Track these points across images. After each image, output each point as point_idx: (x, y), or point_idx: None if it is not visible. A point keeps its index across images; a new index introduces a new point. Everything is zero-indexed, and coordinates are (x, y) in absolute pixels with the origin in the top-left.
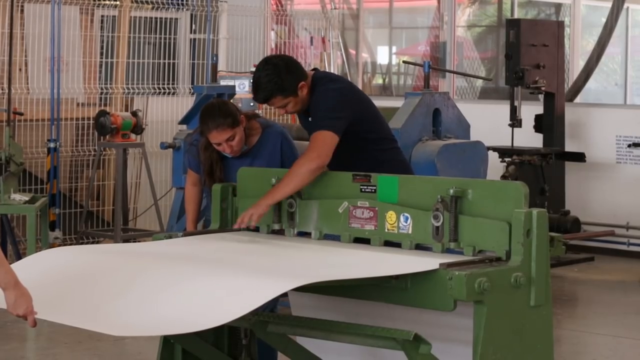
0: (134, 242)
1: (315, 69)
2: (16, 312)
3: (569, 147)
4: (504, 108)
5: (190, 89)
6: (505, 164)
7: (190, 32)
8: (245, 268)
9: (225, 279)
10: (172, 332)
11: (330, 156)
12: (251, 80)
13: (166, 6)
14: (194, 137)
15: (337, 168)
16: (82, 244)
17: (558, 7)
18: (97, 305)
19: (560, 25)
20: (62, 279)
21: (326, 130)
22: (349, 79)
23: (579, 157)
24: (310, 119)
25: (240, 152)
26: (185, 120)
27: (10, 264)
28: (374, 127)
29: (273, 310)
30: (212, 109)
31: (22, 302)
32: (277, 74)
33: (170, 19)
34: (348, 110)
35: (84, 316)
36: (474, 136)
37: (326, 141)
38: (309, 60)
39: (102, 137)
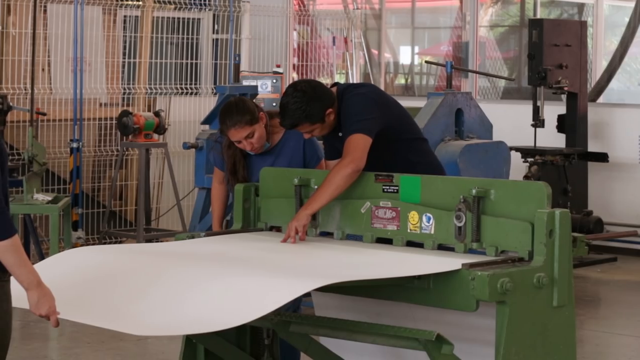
0: (156, 242)
1: (336, 84)
2: (39, 312)
3: (592, 147)
4: (526, 108)
5: (212, 89)
6: (527, 164)
7: (213, 32)
8: (268, 268)
9: (248, 278)
10: (194, 331)
11: (365, 158)
12: (273, 81)
13: (189, 6)
14: (217, 135)
15: (371, 171)
16: (104, 243)
17: (581, 7)
18: (120, 305)
19: (583, 25)
20: (84, 279)
21: (358, 133)
22: (371, 79)
23: (602, 157)
24: (340, 134)
25: (262, 150)
26: (208, 120)
27: (33, 263)
28: (405, 129)
29: (296, 310)
30: (230, 107)
31: (44, 302)
32: (305, 102)
33: (193, 19)
34: (377, 111)
35: (107, 316)
36: (497, 136)
37: (359, 144)
38: (331, 60)
39: (124, 137)
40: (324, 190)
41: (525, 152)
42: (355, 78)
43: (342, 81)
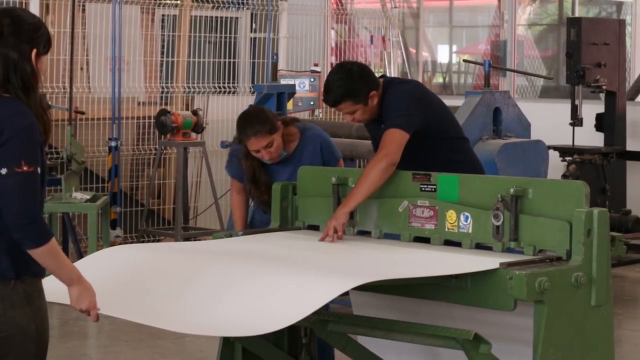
0: (194, 240)
1: (383, 76)
2: (79, 306)
3: (630, 146)
4: (564, 107)
5: (250, 88)
6: (566, 163)
7: (251, 31)
8: (307, 267)
9: (288, 278)
10: (234, 334)
11: (400, 151)
12: (311, 80)
13: (226, 5)
14: (233, 147)
15: (410, 169)
16: (142, 242)
17: (619, 5)
18: (160, 302)
19: (621, 23)
20: (124, 277)
21: (394, 128)
22: (409, 78)
23: None
24: (383, 126)
25: (279, 159)
26: None
27: (73, 262)
28: (447, 127)
29: (326, 309)
30: (250, 116)
31: (85, 297)
32: (350, 79)
33: (231, 18)
34: (418, 109)
35: (146, 313)
36: (535, 135)
37: (394, 138)
38: (369, 59)
39: (162, 136)
40: (360, 186)
41: (564, 151)
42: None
43: None
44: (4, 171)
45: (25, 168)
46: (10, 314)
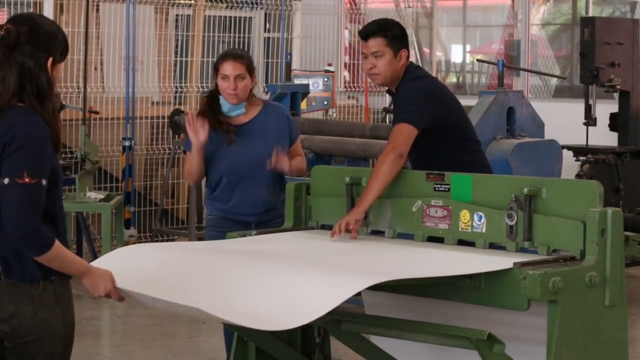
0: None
1: (410, 61)
2: (98, 294)
3: None
4: (578, 106)
5: (264, 88)
6: (579, 162)
7: (264, 31)
8: (322, 266)
9: (303, 277)
10: (253, 326)
11: (408, 145)
12: (325, 80)
13: (240, 5)
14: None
15: (420, 168)
16: (156, 242)
17: (633, 5)
18: (177, 299)
19: (635, 23)
20: (140, 276)
21: (403, 122)
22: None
23: None
24: (392, 120)
25: (237, 102)
26: None
27: (88, 261)
28: (458, 128)
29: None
30: (236, 48)
31: (99, 284)
32: (392, 24)
33: (244, 17)
34: (429, 106)
35: (182, 295)
36: (548, 135)
37: (402, 132)
38: None
39: (176, 136)
40: (372, 184)
41: (577, 151)
42: None
43: None
44: (6, 181)
45: (27, 180)
46: (42, 315)
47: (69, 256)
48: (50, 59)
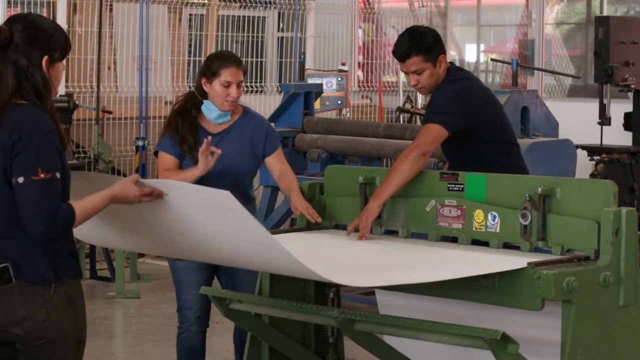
0: None
1: (451, 62)
2: (136, 202)
3: None
4: (592, 106)
5: (278, 87)
6: (594, 162)
7: (278, 31)
8: (340, 264)
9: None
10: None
11: (434, 145)
12: (338, 79)
13: (254, 5)
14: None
15: (458, 170)
16: None
17: None
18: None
19: None
20: None
21: (432, 123)
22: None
23: None
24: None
25: (234, 107)
26: (273, 118)
27: (101, 261)
28: (496, 131)
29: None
30: (227, 51)
31: (129, 196)
32: (423, 36)
33: (258, 17)
34: (463, 110)
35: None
36: (563, 134)
37: (430, 131)
38: None
39: None
40: (391, 178)
41: (592, 150)
42: None
43: None
44: (20, 180)
45: (42, 175)
46: (54, 317)
47: (90, 206)
48: (46, 58)
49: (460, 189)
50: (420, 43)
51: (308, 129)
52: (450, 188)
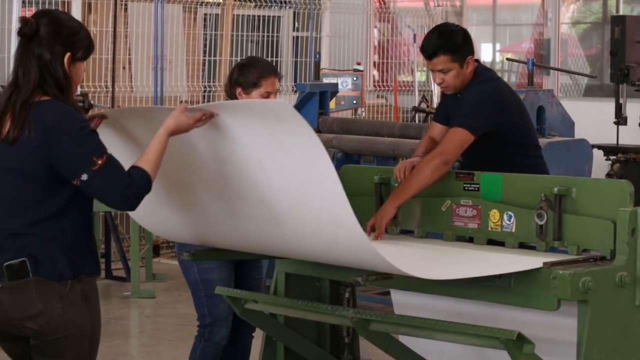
0: None
1: (477, 61)
2: (193, 128)
3: None
4: (609, 105)
5: (293, 87)
6: (610, 162)
7: (293, 30)
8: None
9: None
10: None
11: (458, 153)
12: (354, 79)
13: (269, 4)
14: None
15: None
16: None
17: None
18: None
19: None
20: None
21: (459, 127)
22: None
23: None
24: (459, 94)
25: None
26: None
27: (116, 261)
28: (520, 133)
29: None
30: (263, 59)
31: (181, 125)
32: (452, 34)
33: (273, 17)
34: (490, 112)
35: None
36: (579, 134)
37: (455, 137)
38: (411, 57)
39: None
40: (411, 182)
41: (608, 150)
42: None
43: (424, 79)
44: (84, 177)
45: (99, 162)
46: (70, 313)
47: (152, 155)
48: (68, 55)
49: (476, 188)
50: (449, 42)
51: (323, 129)
52: (466, 188)
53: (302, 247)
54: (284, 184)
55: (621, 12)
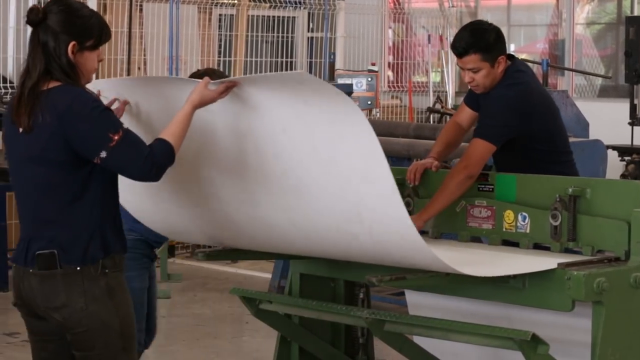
0: None
1: (511, 56)
2: (218, 99)
3: None
4: (623, 106)
5: None
6: (624, 162)
7: (308, 31)
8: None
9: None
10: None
11: (481, 165)
12: (368, 79)
13: (284, 5)
14: None
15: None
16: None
17: None
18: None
19: None
20: None
21: (482, 139)
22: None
23: None
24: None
25: None
26: None
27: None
28: (548, 139)
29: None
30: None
31: (206, 99)
32: (486, 33)
33: (288, 17)
34: (513, 120)
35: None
36: (593, 135)
37: (477, 150)
38: (426, 58)
39: None
40: (439, 197)
41: (622, 151)
42: (450, 77)
43: (438, 80)
44: (103, 154)
45: (116, 137)
46: (92, 308)
47: (176, 127)
48: (73, 43)
49: (490, 189)
50: (481, 40)
51: None
52: (480, 188)
53: (325, 224)
54: (312, 145)
55: (636, 13)
